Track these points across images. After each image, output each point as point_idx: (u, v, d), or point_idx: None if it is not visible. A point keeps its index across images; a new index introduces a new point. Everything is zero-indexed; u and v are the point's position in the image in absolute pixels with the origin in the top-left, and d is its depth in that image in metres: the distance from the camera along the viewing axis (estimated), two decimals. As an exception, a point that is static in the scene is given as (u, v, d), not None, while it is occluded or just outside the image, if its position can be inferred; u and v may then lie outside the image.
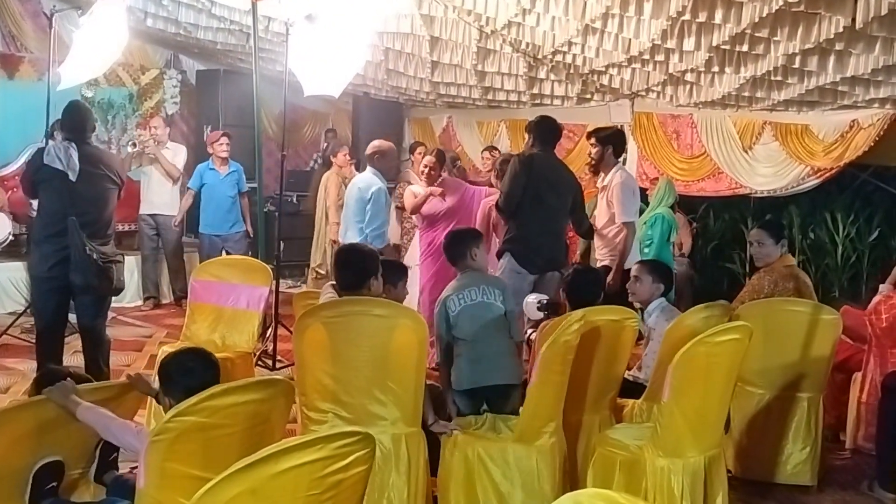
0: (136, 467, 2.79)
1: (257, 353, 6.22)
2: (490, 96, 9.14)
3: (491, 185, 7.15)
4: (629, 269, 5.23)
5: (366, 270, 3.94)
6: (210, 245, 8.31)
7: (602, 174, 6.38)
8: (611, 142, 6.29)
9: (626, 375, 4.51)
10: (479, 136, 10.26)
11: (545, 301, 4.76)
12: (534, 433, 3.63)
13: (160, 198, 8.64)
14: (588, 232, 6.22)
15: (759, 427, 4.51)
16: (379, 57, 8.20)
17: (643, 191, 8.43)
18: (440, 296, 4.24)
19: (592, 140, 6.45)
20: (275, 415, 2.82)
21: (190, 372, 2.92)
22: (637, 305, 4.94)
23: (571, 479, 3.90)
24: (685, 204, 8.86)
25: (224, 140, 8.29)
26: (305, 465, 2.10)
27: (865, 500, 4.38)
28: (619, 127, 7.32)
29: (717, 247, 9.80)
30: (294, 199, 10.08)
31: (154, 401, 3.51)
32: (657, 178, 8.36)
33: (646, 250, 7.69)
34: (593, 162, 6.36)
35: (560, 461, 3.70)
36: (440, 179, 6.83)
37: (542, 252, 5.62)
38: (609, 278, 5.80)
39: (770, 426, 4.50)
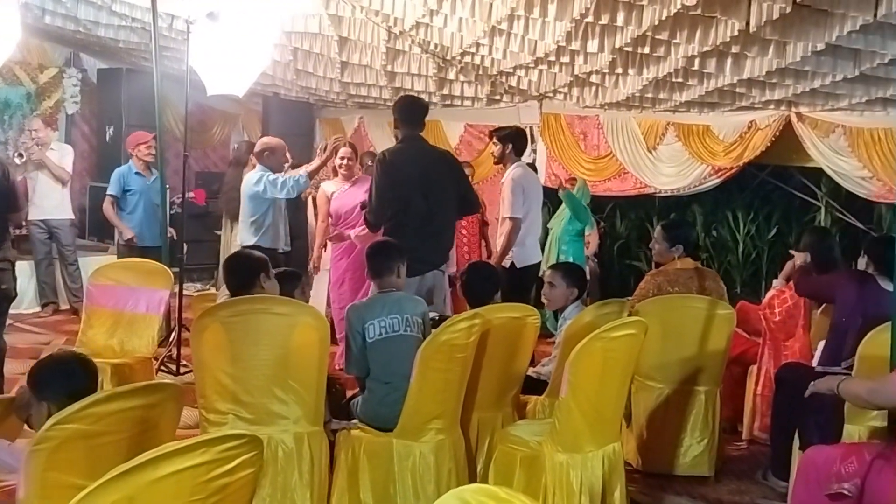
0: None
1: (160, 359, 6.07)
2: (400, 97, 9.14)
3: None
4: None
5: (251, 270, 3.90)
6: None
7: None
8: (511, 140, 6.37)
9: (529, 372, 4.56)
10: (390, 136, 10.19)
11: (436, 318, 4.44)
12: (416, 430, 3.64)
13: (50, 201, 8.26)
14: (475, 207, 5.92)
15: (658, 421, 4.61)
16: (287, 57, 8.10)
17: (553, 190, 8.56)
18: (356, 306, 4.03)
19: (494, 139, 6.55)
20: (164, 420, 2.74)
21: (70, 375, 2.81)
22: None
23: (474, 476, 3.93)
24: (592, 204, 8.99)
25: (152, 143, 7.66)
26: (187, 469, 2.05)
27: (760, 489, 4.52)
28: (521, 126, 7.34)
29: (624, 245, 10.01)
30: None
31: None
32: (573, 179, 8.47)
33: (563, 247, 7.82)
34: (496, 160, 6.40)
35: (455, 458, 3.71)
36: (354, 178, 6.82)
37: (420, 256, 4.87)
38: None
39: (669, 419, 4.61)
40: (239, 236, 6.52)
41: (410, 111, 5.52)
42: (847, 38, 5.40)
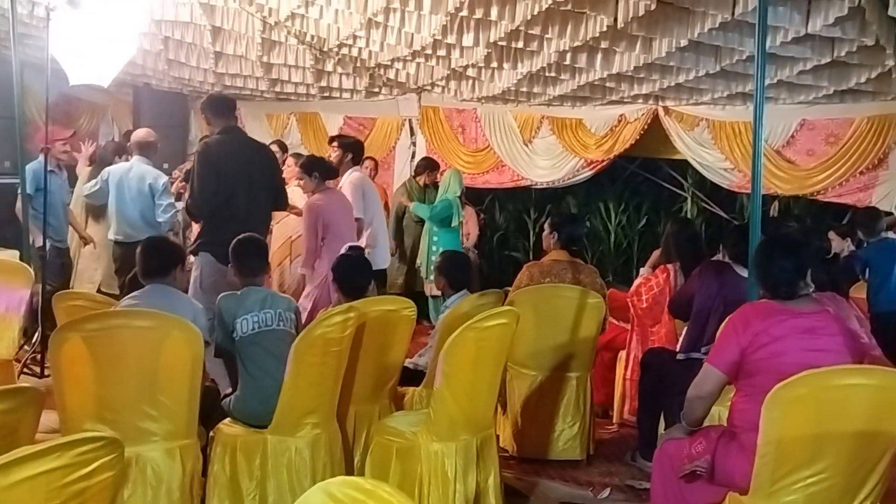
0: None
1: (23, 361, 5.80)
2: (278, 88, 9.01)
3: None
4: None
5: (172, 258, 3.88)
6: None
7: (340, 177, 6.48)
8: (350, 149, 6.49)
9: (407, 363, 4.59)
10: (268, 128, 10.10)
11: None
12: (292, 425, 3.61)
13: None
14: (285, 204, 5.66)
15: (532, 407, 4.72)
16: (158, 46, 7.83)
17: (435, 183, 8.63)
18: (227, 298, 3.88)
19: (335, 144, 6.64)
20: (23, 426, 2.62)
21: None
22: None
23: (351, 469, 3.93)
24: (472, 196, 9.14)
25: (69, 139, 7.34)
26: (41, 475, 1.97)
27: (629, 470, 4.69)
28: (361, 140, 7.35)
29: (503, 236, 10.19)
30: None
31: None
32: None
33: (434, 238, 7.90)
34: (334, 163, 6.43)
35: (331, 453, 3.70)
36: None
37: None
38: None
39: (543, 406, 4.72)
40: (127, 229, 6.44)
41: (218, 106, 5.32)
42: (708, 35, 5.65)
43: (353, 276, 4.36)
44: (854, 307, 5.78)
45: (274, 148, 7.50)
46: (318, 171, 5.91)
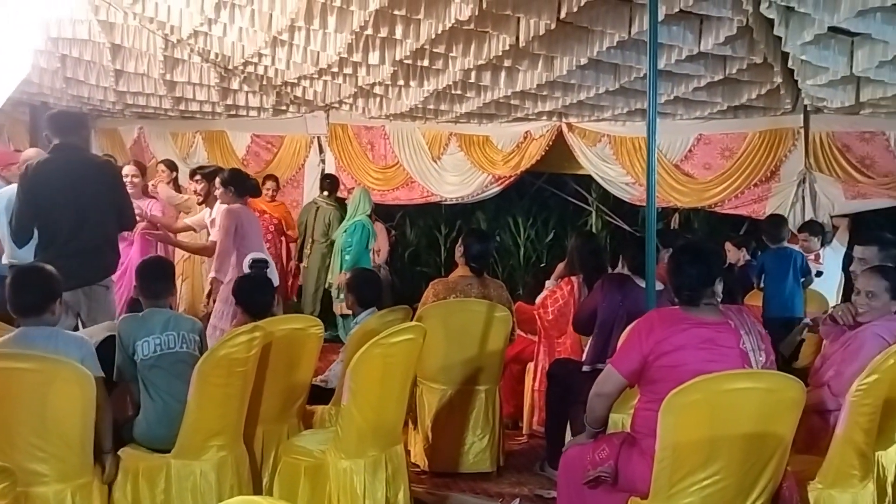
0: None
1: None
2: (182, 107, 8.87)
3: None
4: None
5: (49, 290, 3.51)
6: None
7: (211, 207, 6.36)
8: (232, 183, 5.97)
9: (316, 381, 4.57)
10: (173, 147, 9.90)
11: None
12: (196, 448, 3.56)
13: None
14: (130, 222, 5.35)
15: (443, 421, 4.75)
16: (55, 64, 7.64)
17: (342, 200, 8.63)
18: (128, 320, 3.80)
19: (197, 177, 6.57)
20: None
21: None
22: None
23: (259, 490, 3.89)
24: (382, 212, 9.17)
25: None
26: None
27: (538, 480, 4.76)
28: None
29: (414, 252, 10.24)
30: None
31: None
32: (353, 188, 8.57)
33: (346, 257, 7.89)
34: (201, 200, 6.42)
35: (238, 475, 3.65)
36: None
37: (68, 272, 4.05)
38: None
39: (453, 419, 4.76)
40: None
41: (62, 123, 5.05)
42: (607, 54, 5.85)
43: (256, 295, 4.30)
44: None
45: (162, 167, 7.34)
46: (234, 185, 5.84)
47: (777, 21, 5.09)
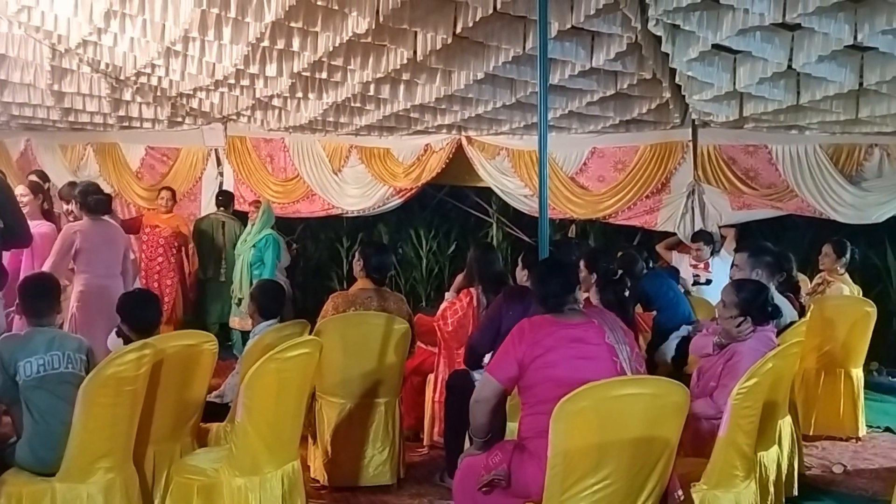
0: None
1: None
2: (72, 118, 8.59)
3: None
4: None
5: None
6: None
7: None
8: (73, 198, 6.05)
9: (211, 398, 4.49)
10: (63, 160, 9.59)
11: None
12: (82, 471, 3.45)
13: None
14: (21, 238, 5.10)
15: (342, 435, 4.71)
16: (-67, 73, 7.30)
17: (244, 214, 8.49)
18: (8, 339, 3.71)
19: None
20: None
21: None
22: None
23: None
24: (283, 226, 9.07)
25: None
26: None
27: (438, 491, 4.77)
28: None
29: (316, 266, 10.17)
30: None
31: None
32: (257, 201, 8.42)
33: (256, 272, 7.74)
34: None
35: (128, 497, 3.56)
36: None
37: None
38: None
39: (352, 433, 4.73)
40: None
41: None
42: (503, 69, 5.95)
43: (142, 312, 4.14)
44: (641, 323, 6.25)
45: (32, 178, 7.13)
46: (81, 199, 5.68)
47: (664, 38, 5.28)
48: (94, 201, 5.82)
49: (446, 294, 5.74)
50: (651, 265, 6.95)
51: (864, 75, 5.41)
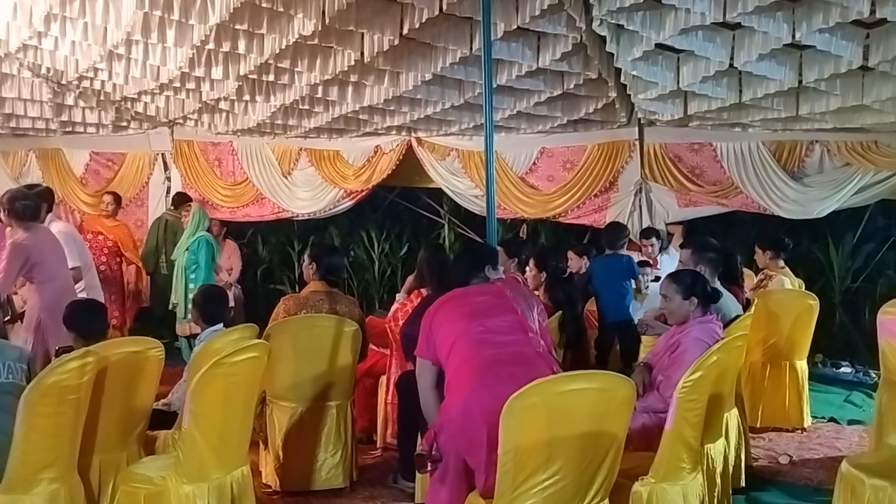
0: None
1: None
2: (13, 124, 8.39)
3: None
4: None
5: None
6: None
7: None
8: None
9: (159, 405, 4.42)
10: (4, 167, 9.37)
11: None
12: (25, 482, 3.37)
13: None
14: None
15: (294, 439, 4.67)
16: None
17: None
18: None
19: None
20: None
21: None
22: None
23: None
24: (233, 230, 8.99)
25: None
26: None
27: (391, 492, 4.76)
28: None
29: (267, 270, 10.08)
30: None
31: None
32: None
33: (192, 276, 7.62)
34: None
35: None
36: None
37: None
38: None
39: (304, 437, 4.69)
40: None
41: None
42: (451, 70, 5.97)
43: (89, 320, 4.12)
44: (590, 318, 6.31)
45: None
46: (8, 206, 5.34)
47: (609, 38, 5.35)
48: (22, 207, 5.59)
49: (397, 295, 5.73)
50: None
51: (803, 73, 5.54)
